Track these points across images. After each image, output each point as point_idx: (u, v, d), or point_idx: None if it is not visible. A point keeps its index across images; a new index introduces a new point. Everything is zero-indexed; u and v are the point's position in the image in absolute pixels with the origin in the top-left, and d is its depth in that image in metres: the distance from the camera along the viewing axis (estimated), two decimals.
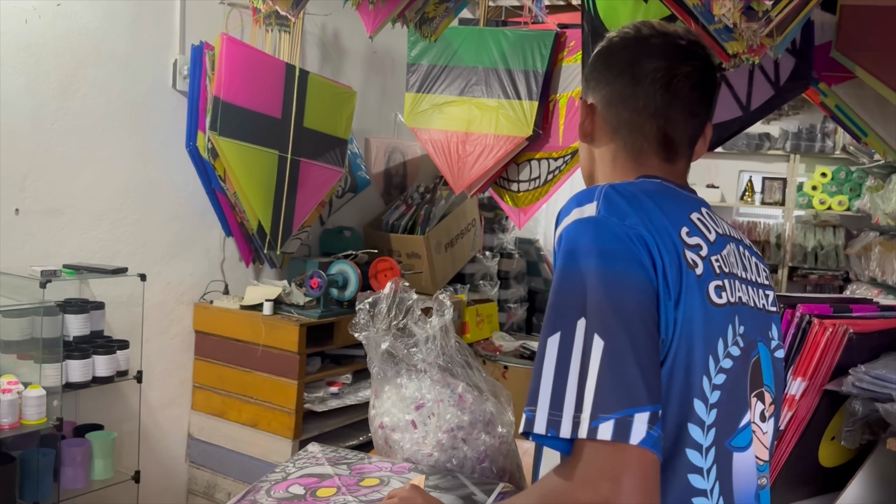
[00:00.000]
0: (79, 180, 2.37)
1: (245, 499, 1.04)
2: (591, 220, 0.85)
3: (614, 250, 0.83)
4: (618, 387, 0.77)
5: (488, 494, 1.09)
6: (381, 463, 1.19)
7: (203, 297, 2.78)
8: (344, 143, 2.85)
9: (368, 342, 1.32)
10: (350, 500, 1.04)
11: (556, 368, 0.80)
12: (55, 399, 2.05)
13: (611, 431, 0.76)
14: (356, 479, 1.11)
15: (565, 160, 3.08)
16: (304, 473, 1.13)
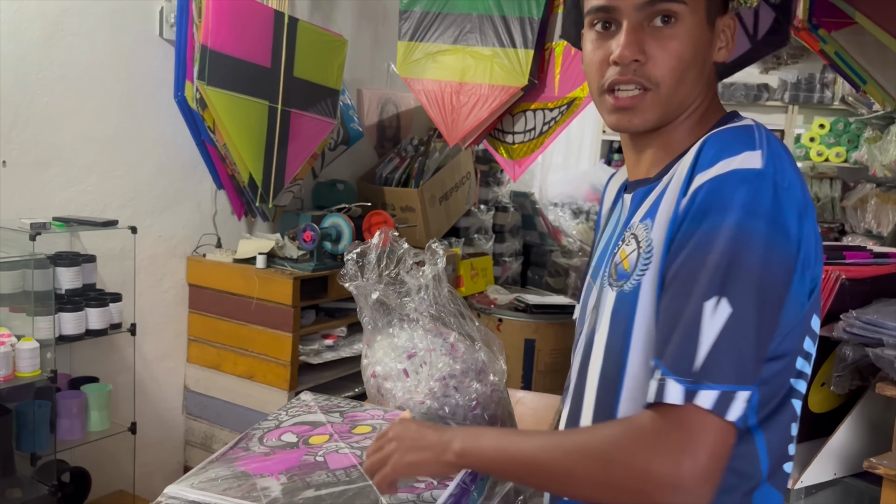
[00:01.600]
0: (66, 132, 2.33)
1: (237, 447, 1.05)
2: (763, 175, 0.78)
3: (779, 221, 0.77)
4: (732, 359, 0.74)
5: None
6: (373, 411, 1.19)
7: (196, 251, 2.77)
8: (335, 93, 2.81)
9: (359, 292, 1.31)
10: (342, 446, 1.04)
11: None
12: (48, 351, 2.05)
13: (712, 401, 0.73)
14: (348, 427, 1.12)
15: (561, 111, 3.04)
16: (296, 421, 1.14)
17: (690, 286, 0.77)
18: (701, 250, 0.78)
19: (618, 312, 0.89)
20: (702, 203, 0.79)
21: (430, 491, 0.93)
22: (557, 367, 3.35)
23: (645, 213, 0.90)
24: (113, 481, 2.51)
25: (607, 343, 0.91)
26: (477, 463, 0.86)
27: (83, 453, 2.37)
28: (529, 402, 1.94)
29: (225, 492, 0.91)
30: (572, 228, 4.74)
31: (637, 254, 0.88)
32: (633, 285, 0.87)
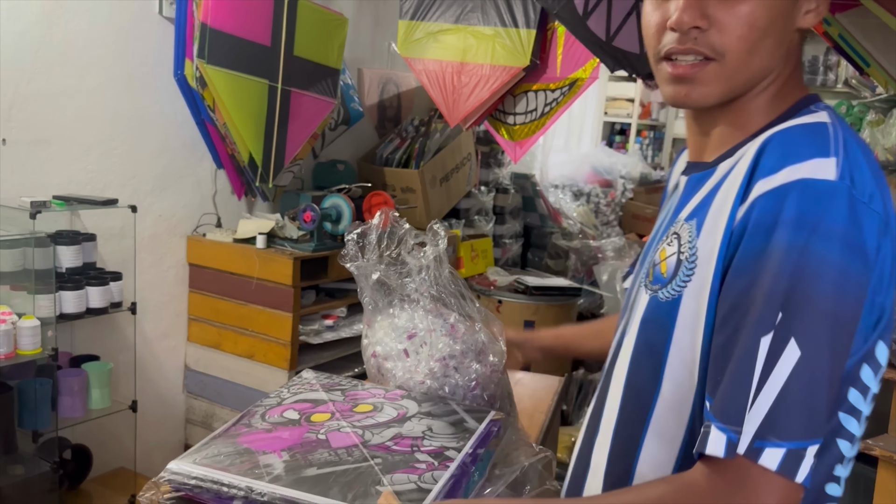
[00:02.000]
0: (66, 110, 2.32)
1: (240, 423, 1.05)
2: (836, 189, 0.66)
3: (857, 243, 0.66)
4: (804, 412, 0.65)
5: (479, 422, 1.09)
6: (374, 390, 1.19)
7: (196, 230, 2.77)
8: (336, 72, 2.79)
9: (359, 272, 1.31)
10: (344, 424, 1.04)
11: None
12: (49, 329, 2.05)
13: (779, 461, 0.64)
14: (350, 405, 1.12)
15: (563, 92, 3.03)
16: (298, 399, 1.14)
17: (746, 319, 0.67)
18: (759, 276, 0.67)
19: (649, 322, 0.80)
20: (762, 218, 0.68)
21: (431, 472, 0.93)
22: None
23: (693, 209, 0.79)
24: (114, 459, 2.53)
25: (635, 352, 0.83)
26: None
27: (84, 431, 2.38)
28: (528, 382, 1.94)
29: (227, 468, 0.90)
30: (573, 210, 4.74)
31: (677, 259, 0.77)
32: (671, 296, 0.77)
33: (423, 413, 1.10)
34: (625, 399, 0.84)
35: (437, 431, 1.04)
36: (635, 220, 5.11)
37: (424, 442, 1.00)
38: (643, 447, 0.80)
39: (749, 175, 0.71)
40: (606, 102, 6.35)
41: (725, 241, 0.71)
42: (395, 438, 1.01)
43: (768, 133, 0.74)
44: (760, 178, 0.69)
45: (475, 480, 0.98)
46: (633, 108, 6.40)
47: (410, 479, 0.91)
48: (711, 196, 0.76)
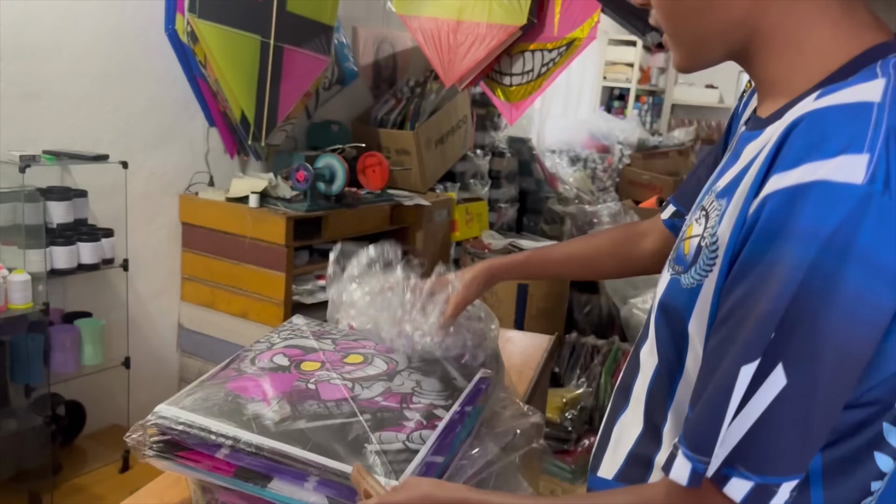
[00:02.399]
0: (55, 64, 2.29)
1: (230, 367, 1.04)
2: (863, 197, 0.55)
3: (881, 263, 0.55)
4: (781, 445, 0.59)
5: (468, 379, 1.08)
6: (365, 341, 1.17)
7: (188, 189, 2.75)
8: (330, 29, 2.75)
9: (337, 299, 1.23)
10: (333, 376, 1.03)
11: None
12: (40, 284, 2.05)
13: (744, 494, 0.59)
14: (340, 356, 1.11)
15: (560, 52, 2.99)
16: (288, 344, 1.13)
17: (735, 336, 0.61)
18: (757, 290, 0.59)
19: (667, 306, 0.74)
20: (769, 221, 0.59)
21: (419, 431, 0.92)
22: (549, 312, 3.37)
23: (727, 184, 0.69)
24: (108, 415, 2.55)
25: (657, 333, 0.77)
26: None
27: (78, 387, 2.39)
28: (519, 341, 1.95)
29: (216, 416, 0.89)
30: (569, 176, 4.72)
31: (699, 244, 0.69)
32: (691, 284, 0.69)
33: (412, 368, 1.09)
34: (654, 383, 0.78)
35: (427, 388, 1.03)
36: (632, 186, 5.10)
37: (414, 399, 1.00)
38: (663, 435, 0.76)
39: (770, 161, 0.61)
40: (605, 67, 6.29)
41: (734, 236, 0.64)
42: (384, 394, 1.00)
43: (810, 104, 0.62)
44: (777, 171, 0.59)
45: (462, 438, 0.97)
46: (633, 73, 6.34)
47: (398, 437, 0.90)
48: (741, 176, 0.67)
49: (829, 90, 0.62)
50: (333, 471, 0.83)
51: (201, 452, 0.89)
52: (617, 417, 0.85)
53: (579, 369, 3.25)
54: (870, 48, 0.65)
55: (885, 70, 0.62)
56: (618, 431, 0.84)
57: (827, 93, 0.62)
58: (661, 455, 0.76)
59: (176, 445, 0.90)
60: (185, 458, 0.89)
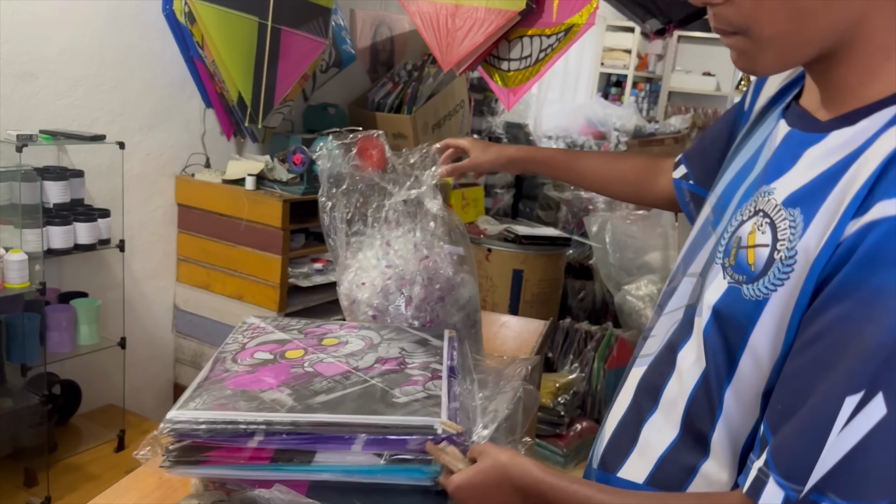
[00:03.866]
0: (52, 43, 2.27)
1: (216, 370, 0.99)
2: None
3: None
4: (873, 475, 0.56)
5: (440, 339, 1.11)
6: (328, 325, 1.16)
7: (184, 170, 2.75)
8: (327, 11, 2.74)
9: None
10: (323, 356, 1.02)
11: None
12: (37, 263, 2.05)
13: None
14: (316, 340, 1.09)
15: (558, 37, 2.98)
16: (260, 342, 1.09)
17: (834, 361, 0.59)
18: (860, 315, 0.57)
19: (725, 315, 0.72)
20: (875, 247, 0.57)
21: (431, 381, 0.94)
22: (544, 298, 3.39)
23: (796, 193, 0.67)
24: (103, 395, 2.56)
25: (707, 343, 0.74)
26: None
27: (73, 367, 2.40)
28: (514, 325, 1.96)
29: (237, 409, 0.86)
30: None
31: (771, 256, 0.67)
32: (757, 296, 0.68)
33: (387, 339, 1.10)
34: (698, 390, 0.75)
35: (411, 350, 1.06)
36: None
37: (407, 360, 1.02)
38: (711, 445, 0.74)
39: (871, 185, 0.60)
40: (603, 53, 6.27)
41: (827, 254, 0.61)
42: (379, 360, 1.01)
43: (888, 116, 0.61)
44: (885, 198, 0.58)
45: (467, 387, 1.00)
46: (630, 60, 6.33)
47: (417, 389, 0.91)
48: (823, 188, 0.65)
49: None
50: (381, 426, 0.84)
51: (232, 447, 0.85)
52: (645, 419, 0.82)
53: (572, 355, 3.27)
54: None
55: None
56: (646, 434, 0.82)
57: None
58: (717, 468, 0.73)
59: (198, 449, 0.86)
60: (214, 457, 0.85)
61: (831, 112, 0.68)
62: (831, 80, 0.68)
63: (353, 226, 1.28)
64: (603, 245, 3.61)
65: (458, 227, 1.30)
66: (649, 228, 3.68)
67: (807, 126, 0.71)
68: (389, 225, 1.26)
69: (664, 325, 0.84)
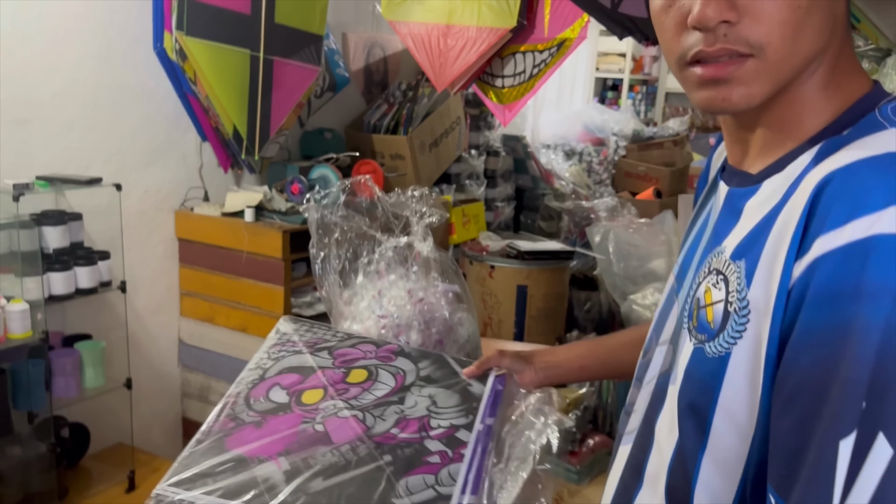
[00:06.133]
0: (45, 88, 2.28)
1: (224, 415, 0.96)
2: None
3: None
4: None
5: (483, 383, 1.03)
6: (363, 346, 1.10)
7: (183, 205, 2.75)
8: (319, 38, 2.74)
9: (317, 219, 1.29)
10: (340, 405, 0.96)
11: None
12: (39, 312, 2.05)
13: None
14: (342, 374, 1.03)
15: (551, 53, 2.98)
16: (282, 368, 1.04)
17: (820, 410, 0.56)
18: (831, 358, 0.55)
19: (693, 378, 0.70)
20: (827, 285, 0.56)
21: (447, 467, 0.86)
22: (549, 312, 3.37)
23: (740, 244, 0.67)
24: (112, 435, 2.55)
25: (680, 406, 0.72)
26: None
27: (81, 409, 2.39)
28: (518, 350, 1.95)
29: (224, 489, 0.81)
30: (565, 171, 4.71)
31: (726, 310, 0.66)
32: (719, 352, 0.66)
33: (422, 379, 1.03)
34: (674, 461, 0.72)
35: (442, 405, 0.97)
36: (628, 177, 5.09)
37: (431, 422, 0.94)
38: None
39: (805, 221, 0.59)
40: (598, 58, 6.27)
41: (782, 301, 0.60)
42: (399, 423, 0.93)
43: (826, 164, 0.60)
44: (822, 233, 0.56)
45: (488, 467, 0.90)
46: (625, 63, 6.32)
47: (427, 482, 0.83)
48: (761, 234, 0.64)
49: (833, 143, 0.62)
50: None
51: None
52: (633, 498, 0.79)
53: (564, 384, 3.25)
54: (862, 97, 0.64)
55: (888, 119, 0.62)
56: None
57: (834, 145, 0.61)
58: None
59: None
60: None
61: (761, 163, 0.68)
62: (765, 127, 0.68)
63: (343, 277, 1.27)
64: (606, 255, 3.59)
65: (451, 266, 1.29)
66: (652, 236, 3.66)
67: (742, 182, 0.70)
68: (380, 275, 1.25)
69: (643, 399, 0.82)
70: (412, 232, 1.26)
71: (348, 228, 1.28)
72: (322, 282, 1.28)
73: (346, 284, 1.29)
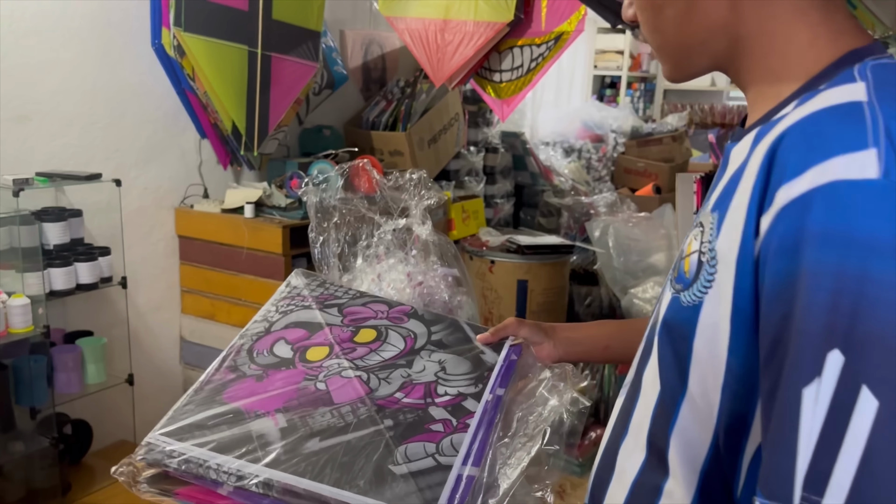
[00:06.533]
0: (44, 84, 2.28)
1: (225, 366, 0.93)
2: (882, 189, 0.52)
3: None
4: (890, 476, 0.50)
5: (497, 352, 1.00)
6: (375, 305, 1.07)
7: (183, 202, 2.75)
8: (317, 35, 2.74)
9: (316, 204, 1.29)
10: (345, 364, 0.93)
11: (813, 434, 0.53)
12: (40, 307, 2.05)
13: None
14: (350, 333, 1.00)
15: (548, 46, 2.99)
16: (289, 322, 1.01)
17: (784, 367, 0.55)
18: (792, 311, 0.55)
19: (671, 325, 0.70)
20: (787, 234, 0.56)
21: (450, 437, 0.83)
22: (550, 307, 3.38)
23: (719, 196, 0.67)
24: (115, 431, 2.56)
25: (660, 353, 0.73)
26: None
27: (83, 406, 2.40)
28: None
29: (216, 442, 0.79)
30: (564, 167, 4.71)
31: (699, 260, 0.66)
32: (693, 302, 0.66)
33: (433, 343, 1.00)
34: (658, 407, 0.73)
35: (452, 371, 0.94)
36: (627, 174, 5.09)
37: (438, 389, 0.90)
38: (669, 463, 0.71)
39: (766, 174, 0.59)
40: (596, 55, 6.27)
41: (749, 255, 0.60)
42: (404, 388, 0.90)
43: (790, 116, 0.61)
44: (784, 182, 0.56)
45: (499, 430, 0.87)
46: (623, 61, 6.32)
47: (427, 450, 0.80)
48: (734, 184, 0.64)
49: (807, 97, 0.62)
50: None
51: (202, 489, 0.78)
52: (619, 445, 0.80)
53: (583, 362, 3.26)
54: (845, 53, 0.64)
55: (862, 74, 0.61)
56: (621, 460, 0.79)
57: (806, 99, 0.62)
58: (677, 486, 0.71)
59: (169, 479, 0.79)
60: (183, 495, 0.78)
61: (754, 118, 0.70)
62: (747, 89, 0.72)
63: (343, 260, 1.27)
64: (606, 249, 3.60)
65: (450, 250, 1.29)
66: (652, 230, 3.66)
67: (738, 136, 0.71)
68: (379, 258, 1.26)
69: (637, 354, 0.83)
70: (411, 215, 1.26)
71: (347, 212, 1.28)
72: (321, 266, 1.28)
73: (345, 268, 1.29)
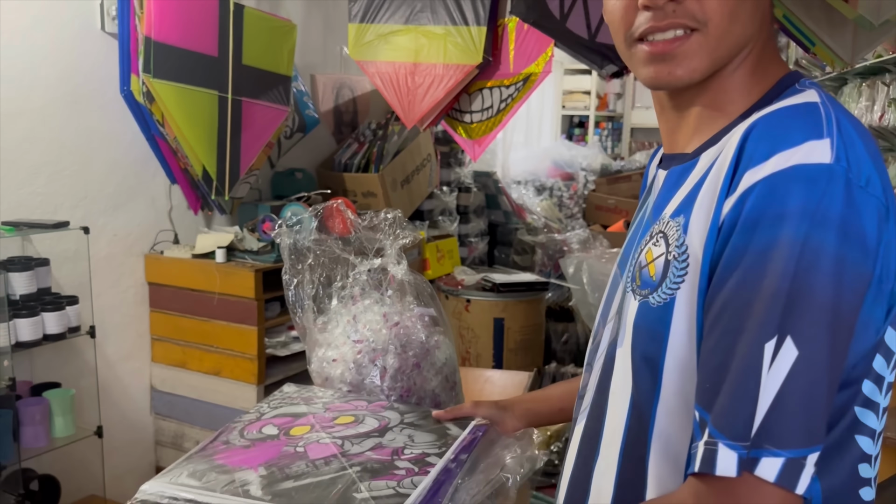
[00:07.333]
0: (10, 133, 2.25)
1: (217, 440, 1.01)
2: (832, 172, 0.62)
3: (855, 231, 0.61)
4: (802, 417, 0.60)
5: (462, 428, 1.06)
6: (357, 402, 1.15)
7: (153, 248, 2.71)
8: (287, 80, 2.76)
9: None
10: (323, 436, 1.01)
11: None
12: (5, 359, 2.00)
13: (777, 471, 0.59)
14: (331, 417, 1.09)
15: (517, 87, 3.03)
16: (278, 413, 1.11)
17: (744, 322, 0.62)
18: (755, 274, 0.62)
19: (641, 330, 0.74)
20: (754, 210, 0.63)
21: (411, 478, 0.89)
22: (527, 344, 3.37)
23: (679, 205, 0.73)
24: (84, 486, 2.47)
25: (633, 365, 0.75)
26: None
27: (51, 460, 2.32)
28: (498, 380, 1.94)
29: (201, 486, 0.88)
30: (536, 205, 4.75)
31: (666, 260, 0.71)
32: (663, 300, 0.71)
33: (405, 424, 1.07)
34: (631, 417, 0.76)
35: (419, 441, 1.01)
36: (598, 211, 5.15)
37: (405, 451, 0.97)
38: (649, 468, 0.74)
39: (735, 164, 0.66)
40: (563, 96, 6.39)
41: (713, 237, 0.66)
42: (375, 448, 0.97)
43: (753, 117, 0.68)
44: (749, 168, 0.64)
45: (460, 483, 0.94)
46: (591, 101, 6.44)
47: (389, 485, 0.87)
48: (697, 190, 0.71)
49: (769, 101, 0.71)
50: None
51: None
52: (592, 469, 0.82)
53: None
54: (782, 78, 0.74)
55: (806, 85, 0.72)
56: (596, 482, 0.81)
57: (768, 103, 0.71)
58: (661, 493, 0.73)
59: None
60: None
61: (697, 142, 0.76)
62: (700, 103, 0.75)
63: (317, 302, 1.26)
64: (581, 286, 3.61)
65: (426, 289, 1.29)
66: None
67: (679, 161, 0.78)
68: (354, 299, 1.24)
69: (594, 376, 0.85)
70: (386, 254, 1.26)
71: (321, 253, 1.27)
72: (295, 308, 1.27)
73: (320, 310, 1.28)
